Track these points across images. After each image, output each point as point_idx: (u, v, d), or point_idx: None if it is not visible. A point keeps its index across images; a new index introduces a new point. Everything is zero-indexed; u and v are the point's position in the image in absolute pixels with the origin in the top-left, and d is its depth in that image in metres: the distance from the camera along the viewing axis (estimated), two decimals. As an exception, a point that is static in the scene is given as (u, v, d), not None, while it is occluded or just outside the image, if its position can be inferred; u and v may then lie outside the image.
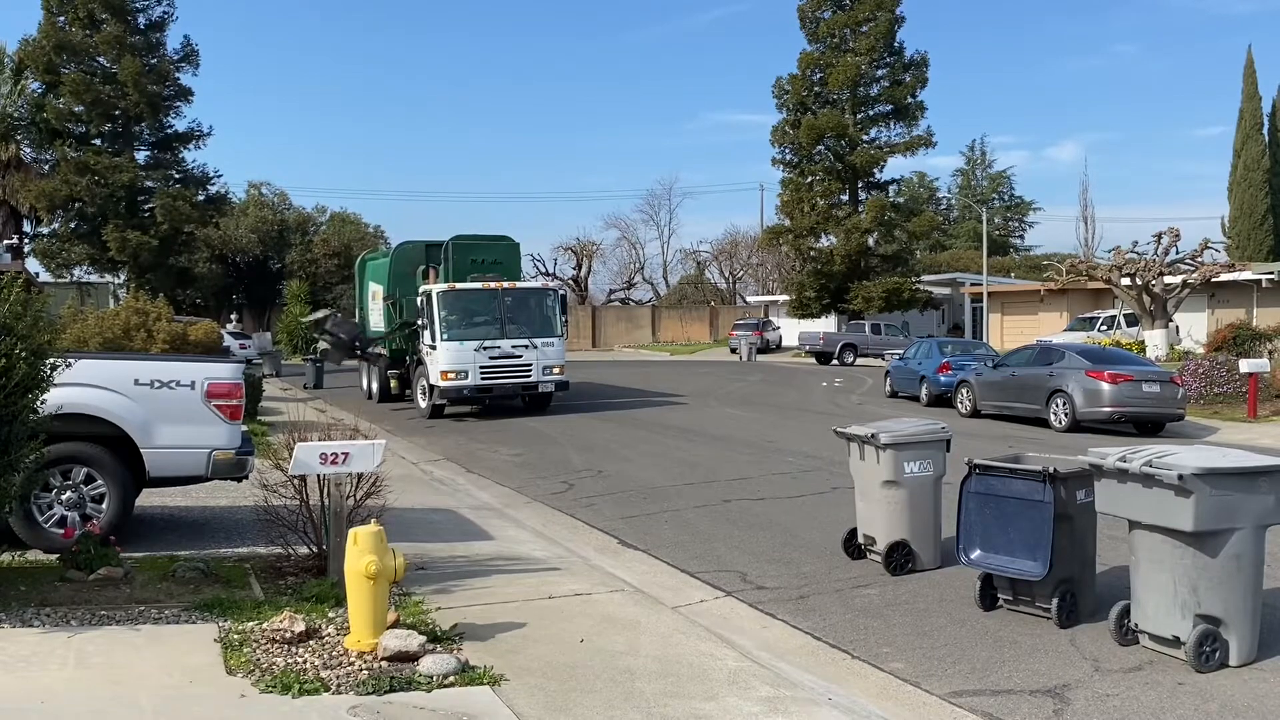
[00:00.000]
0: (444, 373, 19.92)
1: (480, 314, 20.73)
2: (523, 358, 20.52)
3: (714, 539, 9.53)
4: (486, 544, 9.02)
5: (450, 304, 20.41)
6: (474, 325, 20.44)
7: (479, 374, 20.08)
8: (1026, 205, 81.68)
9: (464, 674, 5.41)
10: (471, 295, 20.76)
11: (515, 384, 20.64)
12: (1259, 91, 43.83)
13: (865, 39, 46.36)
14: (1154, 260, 31.49)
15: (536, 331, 20.81)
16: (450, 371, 19.91)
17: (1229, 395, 20.28)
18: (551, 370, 20.93)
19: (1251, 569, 5.86)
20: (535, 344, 20.60)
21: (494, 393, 20.58)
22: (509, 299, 21.01)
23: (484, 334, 20.25)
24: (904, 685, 5.79)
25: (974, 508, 7.01)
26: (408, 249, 23.68)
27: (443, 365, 19.97)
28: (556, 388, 21.21)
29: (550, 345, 20.92)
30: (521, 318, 20.94)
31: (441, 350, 19.98)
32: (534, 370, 20.64)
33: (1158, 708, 5.35)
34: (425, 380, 20.90)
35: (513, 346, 20.41)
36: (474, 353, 19.99)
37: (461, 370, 19.96)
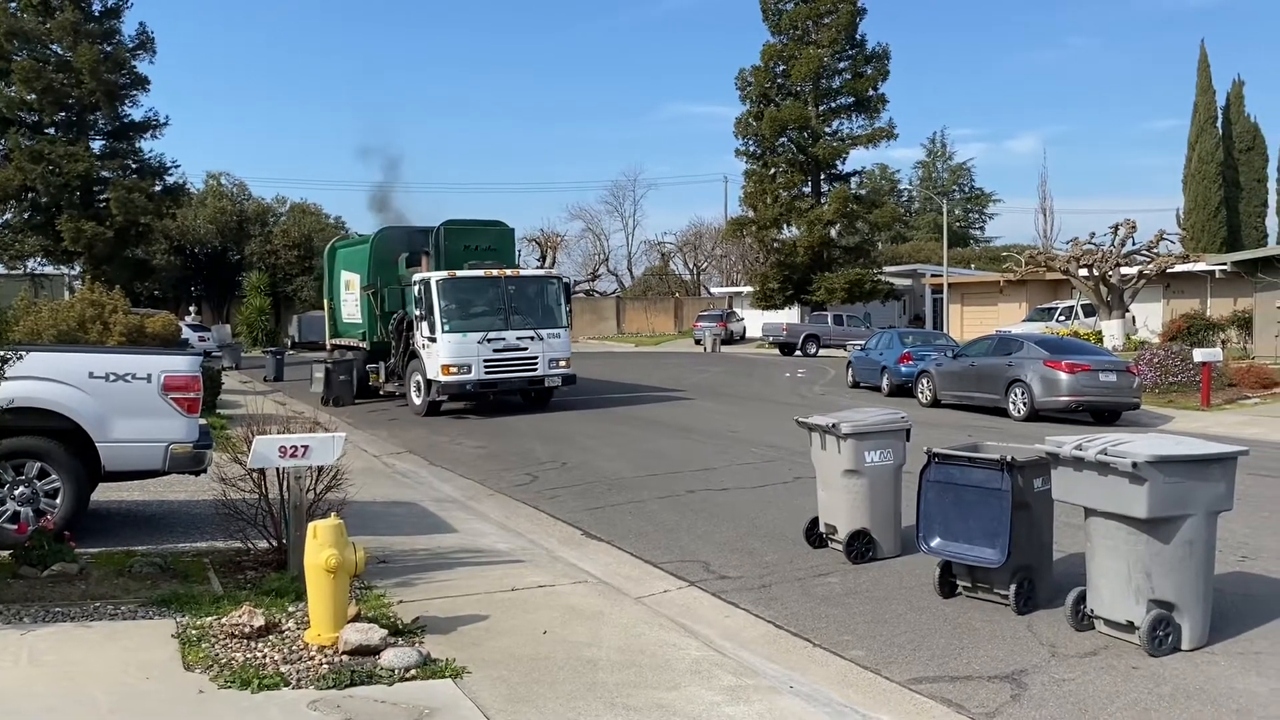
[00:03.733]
0: (445, 367, 18.74)
1: (482, 304, 19.53)
2: (528, 350, 19.38)
3: (677, 529, 9.56)
4: (449, 537, 8.98)
5: (451, 293, 19.13)
6: (476, 316, 19.25)
7: (483, 368, 18.95)
8: (986, 197, 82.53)
9: (426, 667, 5.39)
10: (473, 284, 19.54)
11: (521, 378, 19.55)
12: (1213, 85, 44.57)
13: (827, 31, 46.55)
14: (1111, 251, 31.93)
15: (541, 322, 19.72)
16: (452, 365, 18.74)
17: (1183, 384, 20.63)
18: (558, 363, 19.80)
19: (1203, 554, 5.97)
20: (541, 335, 19.49)
21: (498, 388, 19.51)
22: (512, 288, 19.75)
23: (487, 325, 19.16)
24: (864, 672, 5.84)
25: (933, 496, 7.08)
26: (390, 235, 22.48)
27: (444, 359, 18.74)
28: (563, 381, 20.04)
29: (556, 337, 19.84)
30: (525, 307, 19.78)
31: (442, 343, 18.76)
32: (540, 363, 19.54)
33: (1112, 692, 5.44)
34: (421, 375, 19.64)
35: (517, 338, 19.27)
36: (477, 345, 18.84)
37: (464, 364, 18.80)
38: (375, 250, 22.13)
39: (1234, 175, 44.46)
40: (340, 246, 25.61)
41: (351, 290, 23.58)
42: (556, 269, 43.59)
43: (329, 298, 25.16)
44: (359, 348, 23.09)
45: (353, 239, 24.83)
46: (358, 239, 24.24)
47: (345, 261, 24.41)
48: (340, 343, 24.71)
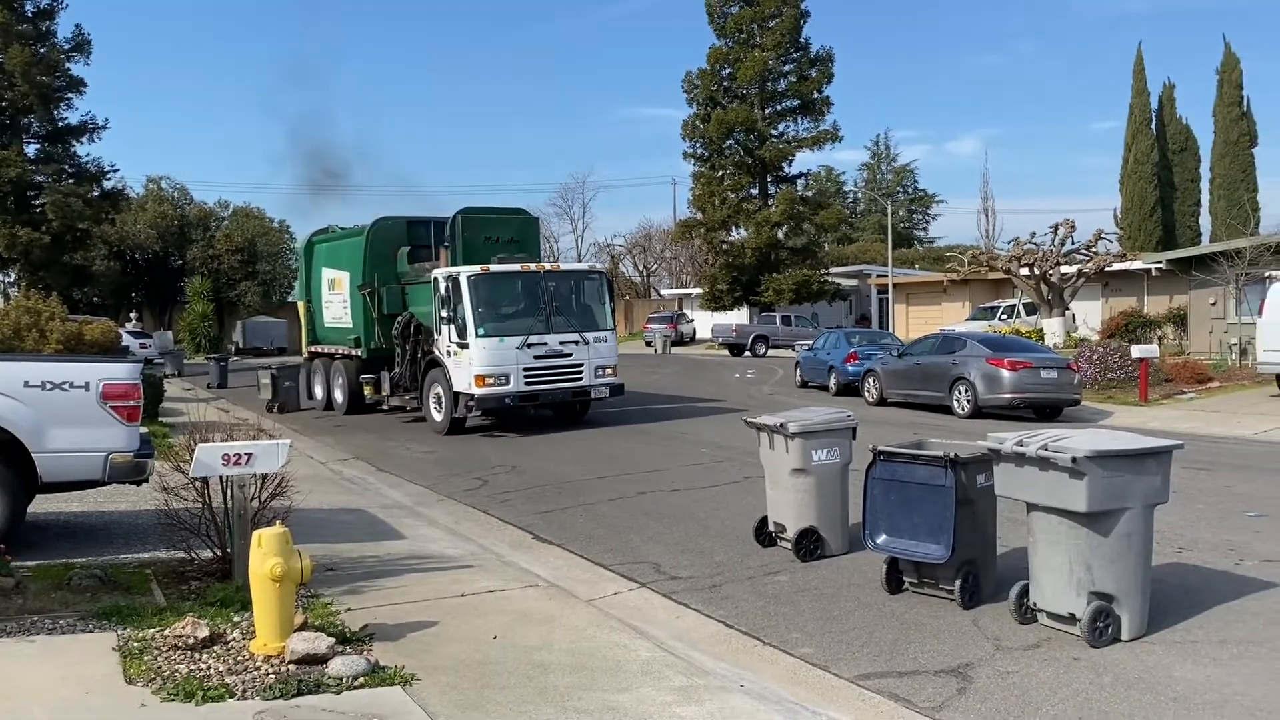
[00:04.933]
0: (480, 377, 16.18)
1: (519, 303, 17.15)
2: (572, 356, 16.96)
3: (628, 531, 9.57)
4: (398, 543, 8.90)
5: (484, 291, 16.63)
6: (512, 317, 16.85)
7: (522, 378, 16.45)
8: (930, 198, 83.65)
9: (374, 674, 5.34)
10: (508, 280, 17.17)
11: (565, 389, 17.07)
12: (1148, 88, 45.62)
13: (772, 34, 46.93)
14: (1051, 251, 32.53)
15: (585, 323, 17.33)
16: (488, 375, 16.20)
17: (1122, 380, 21.09)
18: (604, 371, 17.38)
19: (1141, 547, 6.11)
20: (586, 339, 17.09)
21: (539, 400, 17.06)
22: (552, 284, 17.33)
23: (525, 328, 16.69)
24: (813, 670, 5.90)
25: (879, 493, 7.17)
26: (387, 226, 19.84)
27: (478, 368, 16.21)
28: (611, 392, 17.52)
29: (602, 340, 17.41)
30: (567, 307, 17.37)
31: (476, 349, 16.25)
32: (585, 371, 17.11)
33: (1055, 683, 5.54)
34: (442, 387, 17.14)
35: (560, 343, 16.87)
36: (516, 351, 16.39)
37: (501, 374, 16.27)
38: (371, 244, 19.55)
39: (1168, 176, 45.56)
40: (321, 241, 22.63)
41: (338, 290, 21.00)
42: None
43: (307, 299, 22.58)
44: (349, 356, 20.57)
45: (337, 232, 22.02)
46: (344, 231, 21.64)
47: (328, 258, 21.73)
48: (322, 350, 22.03)
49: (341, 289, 20.78)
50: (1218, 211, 42.21)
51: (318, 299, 22.05)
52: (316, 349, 22.21)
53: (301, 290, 22.93)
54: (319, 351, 22.15)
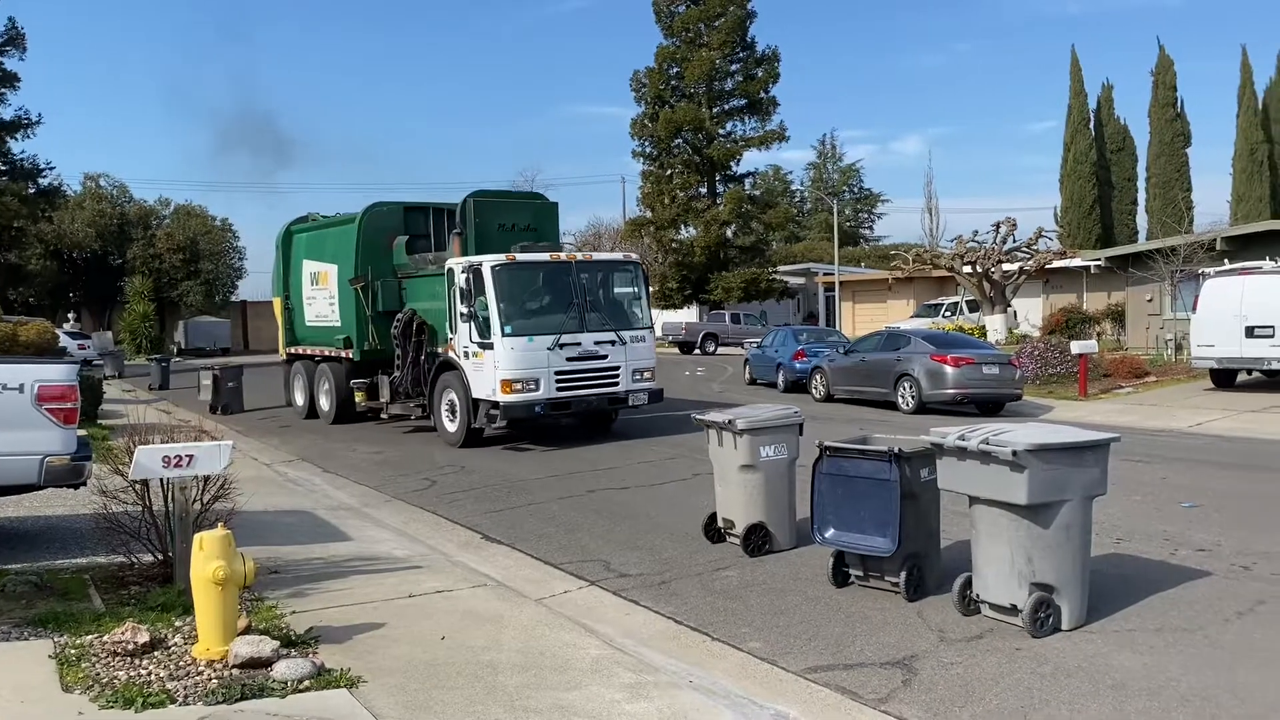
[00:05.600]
0: (508, 383, 14.24)
1: (548, 298, 15.28)
2: (609, 358, 15.10)
3: (578, 530, 9.56)
4: (344, 545, 8.81)
5: (509, 283, 14.68)
6: (540, 314, 15.02)
7: (554, 383, 14.56)
8: (875, 197, 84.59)
9: (320, 677, 5.28)
10: (537, 271, 15.21)
11: (600, 395, 15.20)
12: (1085, 88, 46.53)
13: (718, 34, 47.15)
14: (993, 249, 33.07)
15: (621, 321, 15.54)
16: (517, 380, 14.28)
17: (1062, 375, 21.50)
18: (642, 375, 15.53)
19: (1080, 538, 6.24)
20: (623, 338, 15.25)
21: (571, 409, 15.25)
22: (585, 276, 15.38)
23: (556, 326, 14.80)
24: (761, 664, 5.94)
25: (826, 488, 7.24)
26: (382, 213, 17.84)
27: (506, 371, 14.25)
28: (650, 399, 15.71)
29: (640, 340, 15.55)
30: (601, 302, 15.54)
31: (502, 349, 14.30)
32: (622, 375, 15.23)
33: (997, 673, 5.64)
34: (458, 394, 15.18)
35: (595, 343, 15.00)
36: (547, 353, 14.49)
37: (531, 378, 14.37)
38: (364, 233, 17.53)
39: (1106, 175, 46.51)
40: (302, 230, 20.27)
41: (323, 285, 18.92)
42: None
43: (284, 294, 20.38)
44: (337, 358, 18.55)
45: (319, 220, 19.99)
46: (329, 220, 19.59)
47: (311, 248, 19.59)
48: (303, 352, 20.00)
49: (327, 283, 18.76)
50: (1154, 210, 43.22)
51: (297, 295, 19.95)
52: (296, 350, 20.25)
53: (278, 285, 20.66)
54: (299, 353, 20.15)
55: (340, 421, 18.29)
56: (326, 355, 18.91)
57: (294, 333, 20.31)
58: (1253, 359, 18.78)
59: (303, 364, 20.07)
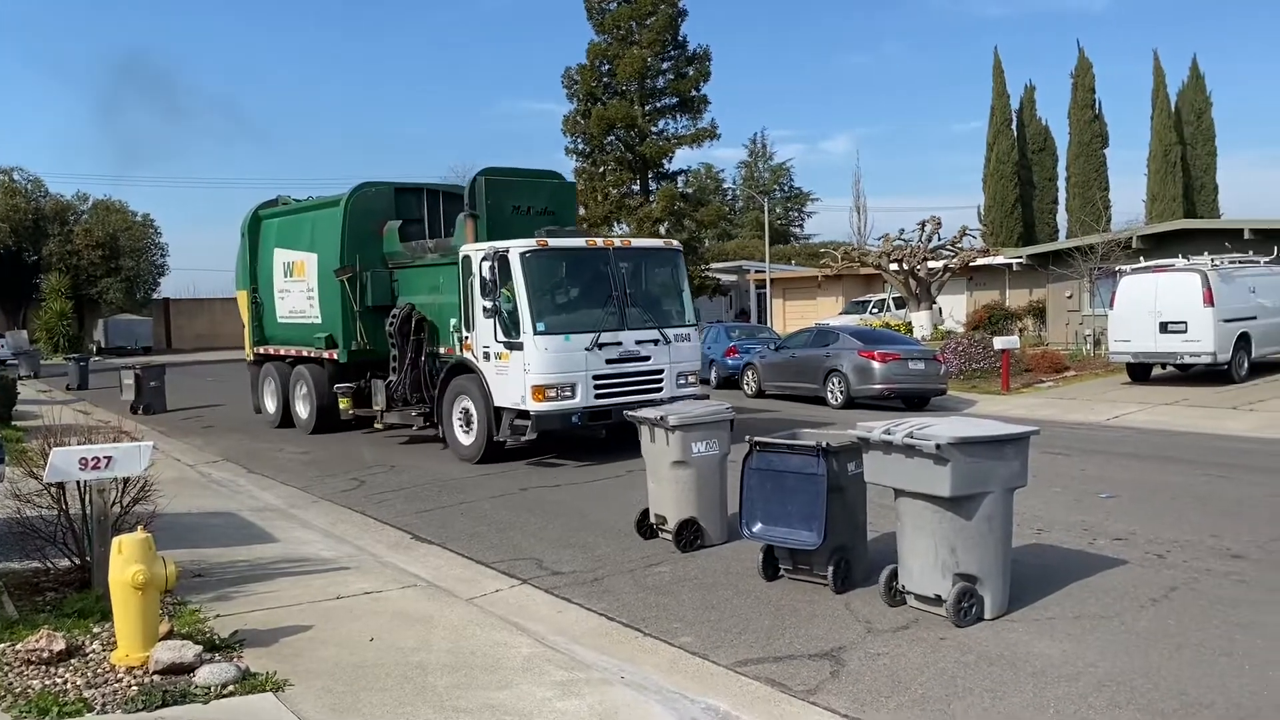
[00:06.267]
0: (540, 389, 12.37)
1: (583, 291, 13.46)
2: (651, 359, 13.30)
3: (510, 528, 9.52)
4: (270, 546, 8.65)
5: (541, 273, 12.86)
6: (576, 308, 13.21)
7: (592, 388, 12.74)
8: (805, 196, 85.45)
9: (244, 682, 5.19)
10: (570, 260, 13.44)
11: (642, 403, 12.17)
12: (1007, 90, 47.53)
13: (650, 32, 47.20)
14: (918, 247, 33.62)
15: (664, 317, 13.78)
16: (550, 386, 12.41)
17: (985, 370, 21.98)
18: (687, 379, 13.74)
19: (1002, 529, 6.39)
20: (667, 336, 13.47)
21: (611, 419, 12.92)
22: (624, 265, 13.48)
23: (594, 322, 12.93)
24: (693, 658, 5.98)
25: (755, 483, 7.31)
26: (370, 195, 15.89)
27: (538, 375, 12.38)
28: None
29: (685, 340, 13.79)
30: (641, 295, 13.74)
31: (534, 350, 12.40)
32: (666, 379, 13.42)
33: (922, 663, 5.75)
34: (475, 401, 13.33)
35: (637, 342, 13.20)
36: (585, 354, 12.70)
37: (567, 384, 12.52)
38: (351, 217, 15.61)
39: (1028, 174, 47.60)
40: (272, 215, 18.10)
41: (299, 276, 16.91)
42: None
43: (251, 287, 18.25)
44: (316, 359, 16.55)
45: (292, 204, 17.95)
46: (305, 203, 17.57)
47: (284, 235, 17.49)
48: (274, 352, 17.89)
49: (304, 275, 16.71)
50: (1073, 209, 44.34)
51: (267, 287, 17.85)
52: (266, 350, 18.12)
53: (243, 277, 18.47)
54: (269, 354, 18.04)
55: (322, 431, 16.39)
56: (304, 356, 16.92)
57: (263, 330, 18.22)
58: (1166, 353, 19.41)
59: (274, 366, 17.92)
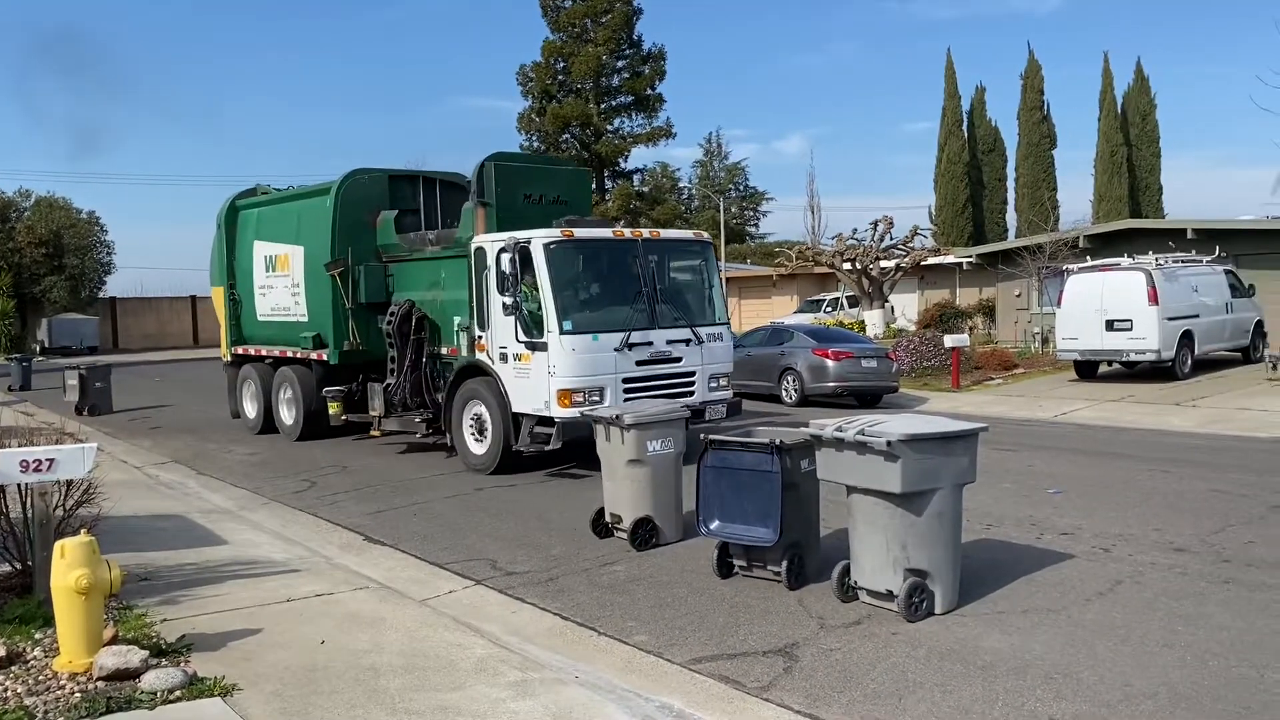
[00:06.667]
0: (566, 393, 11.34)
1: (610, 286, 12.51)
2: (683, 361, 12.35)
3: (464, 529, 9.46)
4: (220, 549, 8.52)
5: (566, 267, 11.91)
6: (602, 305, 12.23)
7: (621, 393, 11.69)
8: (760, 195, 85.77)
9: (192, 687, 5.10)
10: (597, 252, 12.46)
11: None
12: (959, 91, 48.16)
13: (605, 30, 47.26)
14: (871, 246, 33.95)
15: (695, 315, 12.88)
16: (578, 390, 11.38)
17: (936, 368, 22.25)
18: (719, 381, 12.81)
19: (952, 525, 6.47)
20: (700, 336, 12.53)
21: None
22: (653, 258, 12.47)
23: (623, 321, 11.94)
24: (648, 657, 5.99)
25: (710, 481, 7.34)
26: (363, 183, 14.83)
27: (565, 378, 11.37)
28: (728, 411, 12.76)
29: (718, 339, 12.84)
30: (672, 292, 12.85)
31: (560, 351, 11.39)
32: (698, 383, 12.46)
33: (874, 658, 5.81)
34: (489, 407, 12.18)
35: (668, 342, 12.25)
36: (614, 355, 11.69)
37: (595, 388, 11.49)
38: (342, 207, 14.53)
39: (978, 175, 48.26)
40: (251, 205, 16.94)
41: (283, 270, 15.76)
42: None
43: (229, 283, 16.99)
44: (303, 360, 15.41)
45: (273, 193, 16.87)
46: (289, 192, 16.56)
47: (265, 227, 16.35)
48: (254, 353, 16.67)
49: (288, 269, 15.58)
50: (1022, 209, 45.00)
51: (246, 283, 16.65)
52: (245, 350, 16.91)
53: (219, 272, 17.21)
54: (249, 354, 16.82)
55: (310, 438, 15.39)
56: (288, 357, 15.75)
57: (241, 329, 17.02)
58: (1112, 351, 19.77)
59: (255, 368, 16.69)
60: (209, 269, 18.00)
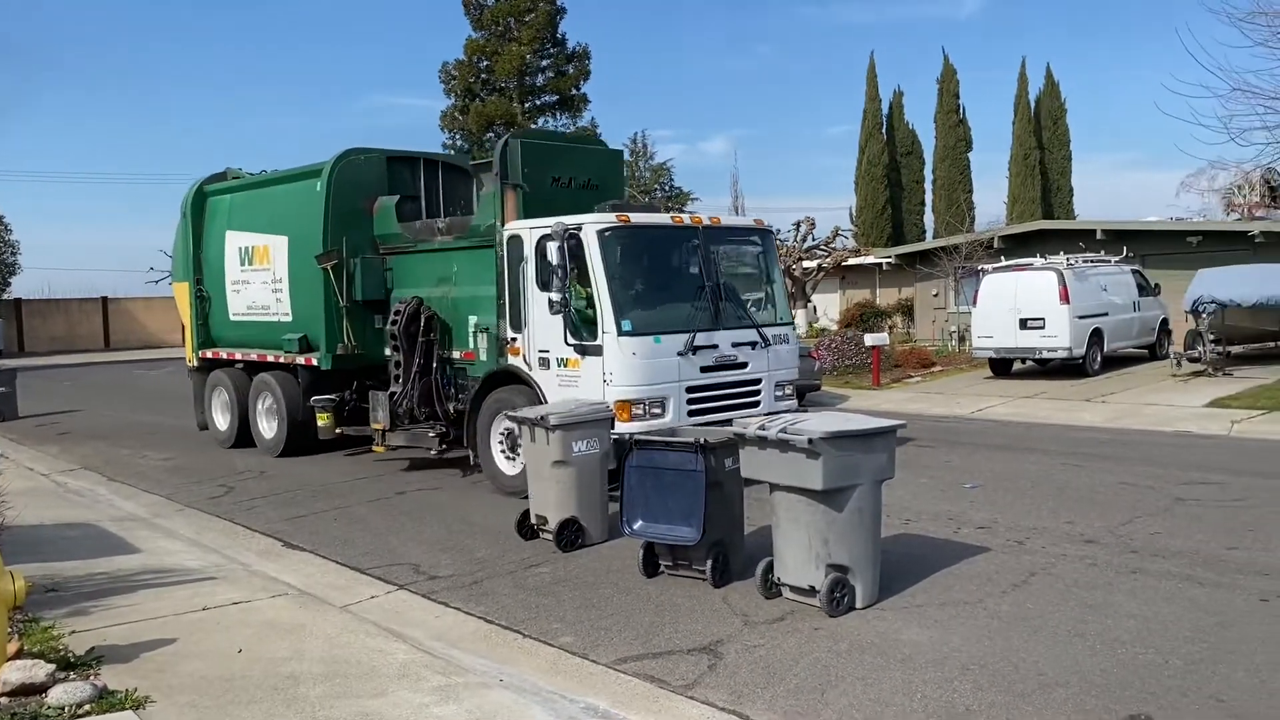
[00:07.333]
0: (625, 405, 9.77)
1: (669, 281, 11.12)
2: (749, 366, 10.91)
3: (386, 533, 9.34)
4: (132, 558, 8.27)
5: (623, 258, 10.42)
6: (661, 303, 10.75)
7: (685, 404, 10.24)
8: (685, 196, 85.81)
9: (102, 700, 4.94)
10: (655, 241, 10.99)
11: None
12: (879, 94, 49.00)
13: (529, 29, 47.01)
14: (794, 247, 34.36)
15: (760, 314, 11.50)
16: (638, 402, 9.89)
17: (857, 366, 22.59)
18: (785, 391, 11.39)
19: (872, 520, 6.59)
20: (766, 338, 11.10)
21: None
22: (715, 250, 11.10)
23: (685, 320, 10.49)
24: (573, 658, 5.98)
25: (635, 481, 7.36)
26: (359, 164, 13.20)
27: (624, 388, 9.86)
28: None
29: (784, 341, 11.40)
30: (734, 288, 11.43)
31: (618, 355, 9.90)
32: (764, 390, 11.05)
33: (797, 653, 5.88)
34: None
35: (734, 345, 10.79)
36: (677, 360, 10.20)
37: (658, 398, 10.02)
38: (336, 192, 12.91)
39: (897, 177, 49.13)
40: (222, 191, 15.25)
41: (261, 264, 14.11)
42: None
43: (196, 277, 15.29)
44: (288, 366, 13.80)
45: (249, 177, 15.20)
46: (269, 176, 14.87)
47: (239, 215, 14.68)
48: (226, 357, 14.98)
49: (268, 262, 13.96)
50: (940, 210, 45.95)
51: (217, 279, 14.97)
52: (215, 354, 15.20)
53: (184, 266, 15.54)
54: (219, 358, 15.13)
55: (295, 453, 13.71)
56: (269, 362, 14.10)
57: (210, 330, 15.31)
58: (1026, 349, 20.31)
59: (228, 374, 14.89)
60: (171, 263, 16.52)
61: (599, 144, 12.85)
